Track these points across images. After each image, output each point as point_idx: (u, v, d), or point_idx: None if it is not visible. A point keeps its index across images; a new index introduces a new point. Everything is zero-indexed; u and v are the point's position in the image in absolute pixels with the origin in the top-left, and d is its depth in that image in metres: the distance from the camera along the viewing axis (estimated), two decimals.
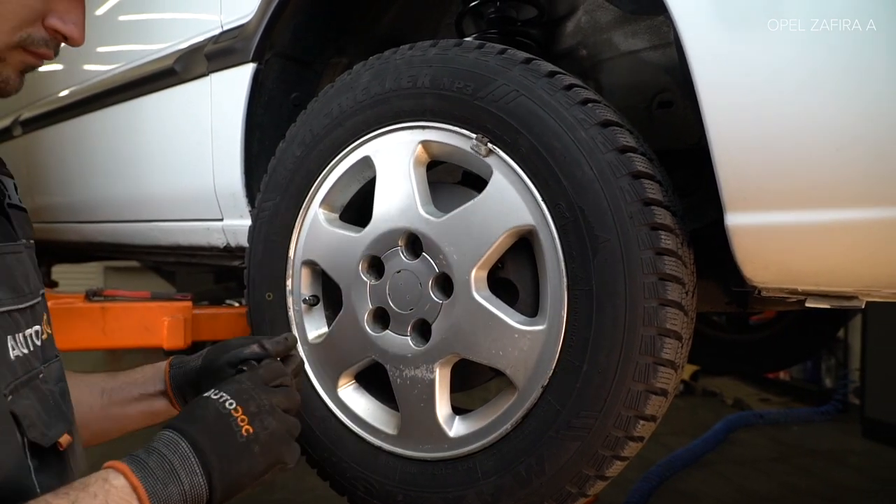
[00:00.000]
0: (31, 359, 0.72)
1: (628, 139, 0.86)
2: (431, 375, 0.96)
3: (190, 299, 1.56)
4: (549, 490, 0.87)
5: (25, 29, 0.71)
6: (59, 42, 0.76)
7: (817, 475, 3.20)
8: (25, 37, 0.72)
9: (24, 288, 0.75)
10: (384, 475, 1.02)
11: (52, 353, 0.79)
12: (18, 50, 0.72)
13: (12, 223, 0.79)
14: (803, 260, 0.75)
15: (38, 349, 0.74)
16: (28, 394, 0.70)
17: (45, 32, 0.73)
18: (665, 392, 0.85)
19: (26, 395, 0.69)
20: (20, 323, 0.72)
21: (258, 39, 1.31)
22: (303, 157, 1.11)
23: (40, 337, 0.76)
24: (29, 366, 0.72)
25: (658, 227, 0.82)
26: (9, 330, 0.69)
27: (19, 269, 0.75)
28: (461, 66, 0.94)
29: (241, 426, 0.69)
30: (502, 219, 0.90)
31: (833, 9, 0.68)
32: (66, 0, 0.74)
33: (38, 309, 0.77)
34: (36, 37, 0.72)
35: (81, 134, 2.01)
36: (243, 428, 0.69)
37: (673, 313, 0.82)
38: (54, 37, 0.74)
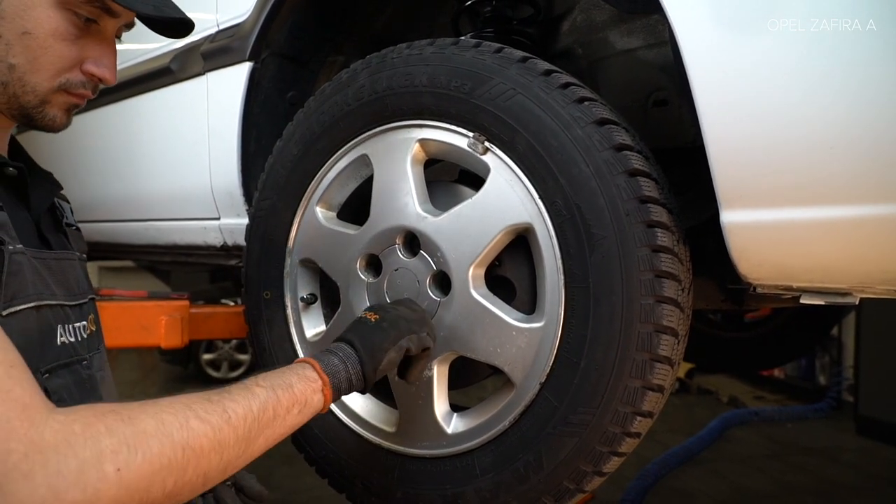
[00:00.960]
0: (78, 347, 0.84)
1: (624, 137, 0.86)
2: (429, 373, 0.97)
3: (187, 298, 1.56)
4: (547, 486, 0.88)
5: (64, 75, 0.81)
6: (95, 84, 0.85)
7: (811, 472, 3.22)
8: (65, 81, 0.81)
9: (76, 288, 0.87)
10: (383, 472, 1.02)
11: (95, 345, 0.91)
12: (61, 93, 0.82)
13: (69, 239, 0.93)
14: (798, 256, 0.76)
15: (84, 341, 0.86)
16: (65, 375, 0.80)
17: (83, 76, 0.82)
18: (662, 388, 0.85)
19: (63, 375, 0.80)
20: (70, 316, 0.83)
21: (254, 38, 1.32)
22: (300, 156, 1.11)
23: (87, 331, 0.87)
24: (74, 353, 0.83)
25: (654, 225, 0.83)
26: (59, 320, 0.80)
27: (72, 274, 0.88)
28: (458, 65, 0.94)
29: (370, 318, 0.89)
30: (499, 217, 0.91)
31: (831, 9, 0.69)
32: (98, 47, 0.83)
33: (85, 308, 0.89)
34: (74, 80, 0.82)
35: (77, 133, 2.00)
36: (371, 318, 0.89)
37: (669, 310, 0.83)
38: (91, 79, 0.83)
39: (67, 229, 0.94)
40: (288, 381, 0.76)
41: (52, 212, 0.92)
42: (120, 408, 0.60)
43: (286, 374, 0.77)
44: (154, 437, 0.59)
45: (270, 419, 0.71)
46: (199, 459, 0.62)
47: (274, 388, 0.73)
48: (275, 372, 0.77)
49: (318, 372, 0.79)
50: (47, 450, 0.53)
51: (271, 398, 0.72)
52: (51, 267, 0.82)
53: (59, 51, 0.79)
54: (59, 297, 0.81)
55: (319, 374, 0.79)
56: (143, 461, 0.57)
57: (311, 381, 0.78)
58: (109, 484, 0.55)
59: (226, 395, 0.68)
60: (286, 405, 0.73)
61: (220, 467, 0.65)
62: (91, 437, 0.56)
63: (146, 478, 0.57)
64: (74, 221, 0.99)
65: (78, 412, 0.57)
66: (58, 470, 0.53)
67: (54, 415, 0.56)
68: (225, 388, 0.70)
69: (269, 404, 0.71)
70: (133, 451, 0.57)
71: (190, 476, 0.61)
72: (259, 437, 0.70)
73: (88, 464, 0.54)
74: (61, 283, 0.83)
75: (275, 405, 0.72)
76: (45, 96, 0.81)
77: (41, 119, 0.82)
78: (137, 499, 0.57)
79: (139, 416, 0.59)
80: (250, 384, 0.72)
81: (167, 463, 0.59)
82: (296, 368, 0.79)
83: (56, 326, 0.79)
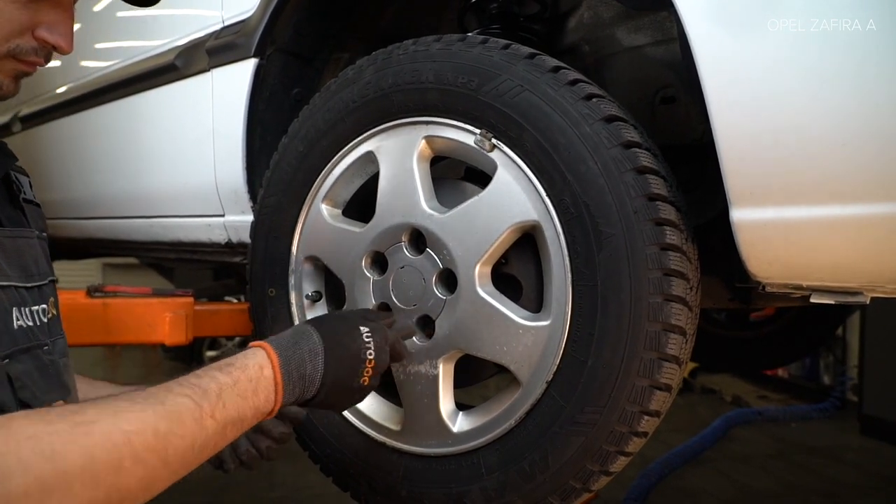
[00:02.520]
0: (37, 332, 0.78)
1: (633, 134, 0.86)
2: (435, 371, 0.96)
3: (191, 295, 1.56)
4: (553, 485, 0.87)
5: (13, 40, 0.75)
6: (48, 51, 0.79)
7: (815, 472, 3.21)
8: (14, 47, 0.75)
9: (33, 269, 0.81)
10: (387, 471, 1.02)
11: (57, 331, 0.84)
12: (9, 59, 0.76)
13: (26, 216, 0.85)
14: (808, 255, 0.75)
15: (44, 325, 0.80)
16: (26, 360, 0.75)
17: (35, 42, 0.77)
18: (669, 387, 0.85)
19: (24, 360, 0.74)
20: (27, 299, 0.77)
21: (260, 35, 1.31)
22: (305, 153, 1.11)
23: (47, 315, 0.81)
24: (33, 337, 0.78)
25: (662, 223, 0.82)
26: (14, 302, 0.75)
27: (29, 253, 0.81)
28: (465, 61, 0.94)
29: (364, 376, 0.81)
30: (506, 214, 0.90)
31: (833, 8, 0.68)
32: (53, 12, 0.77)
33: (45, 290, 0.83)
34: (25, 47, 0.76)
35: (81, 130, 2.01)
36: (364, 378, 0.81)
37: (677, 309, 0.82)
38: (44, 46, 0.78)
39: (25, 205, 0.86)
40: (243, 415, 0.68)
41: (6, 185, 0.85)
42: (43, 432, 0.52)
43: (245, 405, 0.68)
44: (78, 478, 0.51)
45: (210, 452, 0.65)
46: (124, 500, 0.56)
47: (226, 424, 0.66)
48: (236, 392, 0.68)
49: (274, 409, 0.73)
50: None
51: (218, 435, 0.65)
52: (3, 245, 0.76)
53: (8, 14, 0.73)
54: (11, 279, 0.75)
55: (274, 411, 0.73)
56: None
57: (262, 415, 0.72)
58: None
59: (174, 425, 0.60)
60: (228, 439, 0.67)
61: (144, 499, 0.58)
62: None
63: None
64: (34, 196, 0.90)
65: None
66: None
67: None
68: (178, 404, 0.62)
69: (213, 441, 0.64)
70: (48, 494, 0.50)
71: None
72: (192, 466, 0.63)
73: None
74: (15, 263, 0.77)
75: (218, 441, 0.65)
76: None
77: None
78: None
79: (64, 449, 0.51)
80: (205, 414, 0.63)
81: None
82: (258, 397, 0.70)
83: (11, 309, 0.74)
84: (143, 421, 0.58)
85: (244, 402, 0.68)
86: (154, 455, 0.57)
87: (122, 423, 0.56)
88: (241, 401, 0.68)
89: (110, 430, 0.55)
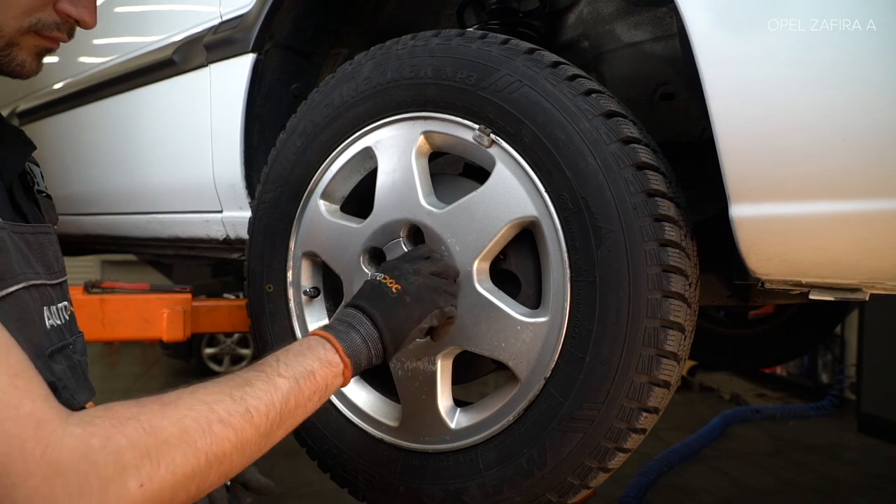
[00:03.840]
0: (63, 330, 0.78)
1: (632, 130, 0.85)
2: (433, 367, 0.96)
3: (189, 291, 1.55)
4: (552, 482, 0.87)
5: (35, 14, 0.72)
6: (71, 26, 0.76)
7: (813, 470, 3.22)
8: (36, 21, 0.72)
9: (55, 266, 0.80)
10: (385, 467, 1.02)
11: (76, 328, 0.85)
12: (31, 34, 0.73)
13: (41, 208, 0.83)
14: (808, 251, 0.75)
15: (67, 323, 0.80)
16: (61, 360, 0.76)
17: (57, 16, 0.74)
18: (668, 384, 0.84)
19: (59, 360, 0.75)
20: (53, 297, 0.77)
21: (258, 30, 1.30)
22: (303, 149, 1.10)
23: (68, 311, 0.82)
24: (62, 336, 0.78)
25: (662, 219, 0.82)
26: (45, 301, 0.74)
27: (51, 249, 0.80)
28: (464, 56, 0.93)
29: (391, 286, 0.85)
30: (505, 210, 0.90)
31: (834, 7, 0.68)
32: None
33: (64, 287, 0.83)
34: (47, 21, 0.73)
35: (79, 125, 2.00)
36: (392, 287, 0.85)
37: (676, 305, 0.82)
38: (66, 20, 0.75)
39: (38, 196, 0.84)
40: (310, 367, 0.73)
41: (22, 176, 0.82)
42: (139, 413, 0.57)
43: (307, 359, 0.74)
44: (177, 447, 0.57)
45: (292, 411, 0.69)
46: (222, 462, 0.61)
47: (297, 378, 0.70)
48: (295, 353, 0.74)
49: (340, 355, 0.77)
50: (67, 471, 0.51)
51: (294, 390, 0.69)
52: (29, 242, 0.74)
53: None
54: (41, 276, 0.74)
55: (342, 358, 0.77)
56: (166, 473, 0.55)
57: (333, 366, 0.75)
58: (133, 499, 0.53)
59: (248, 390, 0.66)
60: (308, 395, 0.71)
61: (242, 464, 0.64)
62: (112, 451, 0.53)
63: (170, 489, 0.56)
64: (45, 188, 0.89)
65: (95, 422, 0.54)
66: (80, 490, 0.51)
67: (70, 428, 0.53)
68: (245, 376, 0.68)
69: (292, 396, 0.69)
70: (156, 463, 0.55)
71: (213, 479, 0.60)
72: (280, 429, 0.68)
73: (111, 481, 0.52)
74: (41, 260, 0.76)
75: (297, 396, 0.70)
76: (13, 38, 0.72)
77: (8, 63, 0.73)
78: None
79: (160, 423, 0.57)
80: (272, 373, 0.69)
81: (190, 472, 0.57)
82: (317, 350, 0.76)
83: (42, 309, 0.74)
84: (219, 391, 0.64)
85: (303, 357, 0.74)
86: (238, 417, 0.62)
87: (202, 396, 0.62)
88: (300, 357, 0.73)
89: (193, 403, 0.61)
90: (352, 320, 0.81)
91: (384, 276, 0.86)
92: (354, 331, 0.80)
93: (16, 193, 0.77)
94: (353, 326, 0.80)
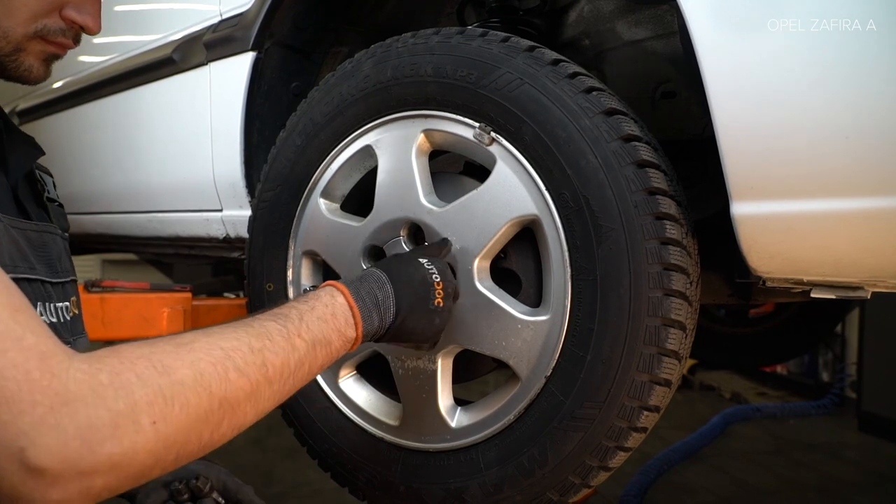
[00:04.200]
0: (60, 329, 0.77)
1: (633, 128, 0.85)
2: (433, 366, 0.96)
3: (189, 290, 1.55)
4: (552, 480, 0.87)
5: (41, 20, 0.74)
6: (77, 32, 0.78)
7: (813, 468, 3.22)
8: (41, 27, 0.74)
9: (57, 266, 0.80)
10: (386, 466, 1.01)
11: (79, 329, 0.84)
12: (37, 40, 0.75)
13: (49, 215, 0.85)
14: (810, 249, 0.75)
15: (67, 323, 0.79)
16: None
17: (62, 22, 0.76)
18: (669, 383, 0.84)
19: None
20: (52, 295, 0.76)
21: (258, 28, 1.30)
22: (303, 147, 1.10)
23: (69, 313, 0.81)
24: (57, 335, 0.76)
25: (663, 217, 0.81)
26: (39, 297, 0.74)
27: (54, 249, 0.81)
28: (464, 54, 0.93)
29: (437, 297, 0.83)
30: (505, 209, 0.90)
31: (834, 7, 0.68)
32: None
33: (68, 288, 0.82)
34: (52, 27, 0.75)
35: (79, 124, 2.00)
36: (437, 299, 0.83)
37: (677, 303, 0.82)
38: (71, 26, 0.77)
39: (49, 204, 0.86)
40: (329, 337, 0.72)
41: (31, 182, 0.84)
42: (150, 352, 0.54)
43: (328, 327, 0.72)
44: (192, 388, 0.55)
45: (305, 374, 0.69)
46: (235, 412, 0.59)
47: (315, 344, 0.69)
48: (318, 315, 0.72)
49: (357, 334, 0.76)
50: (74, 401, 0.48)
51: (309, 355, 0.68)
52: (30, 238, 0.75)
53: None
54: (38, 272, 0.74)
55: (358, 336, 0.76)
56: (180, 413, 0.53)
57: (348, 342, 0.75)
58: (146, 437, 0.51)
59: (267, 342, 0.64)
60: (320, 362, 0.71)
61: (253, 417, 0.63)
62: (121, 386, 0.51)
63: (183, 431, 0.54)
64: (57, 197, 0.90)
65: (102, 359, 0.52)
66: (89, 423, 0.48)
67: (76, 363, 0.51)
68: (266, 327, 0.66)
69: (306, 361, 0.68)
70: (170, 403, 0.53)
71: (225, 429, 0.59)
72: (291, 388, 0.67)
73: (122, 416, 0.50)
74: (42, 257, 0.76)
75: (311, 362, 0.69)
76: (20, 43, 0.74)
77: (16, 69, 0.75)
78: (175, 451, 0.54)
79: (174, 364, 0.55)
80: (293, 332, 0.68)
81: (204, 416, 0.56)
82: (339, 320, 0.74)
83: (36, 304, 0.73)
84: (238, 339, 0.61)
85: (325, 324, 0.71)
86: (254, 368, 0.61)
87: (219, 342, 0.60)
88: (323, 323, 0.71)
89: (210, 347, 0.59)
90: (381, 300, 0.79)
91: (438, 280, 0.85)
92: (377, 312, 0.78)
93: (20, 192, 0.79)
94: (378, 308, 0.78)
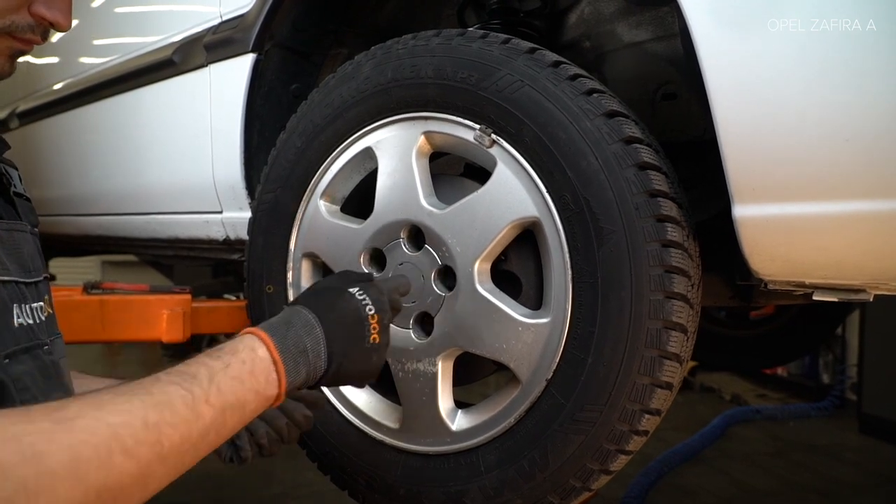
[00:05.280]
0: (36, 330, 0.75)
1: (634, 130, 0.85)
2: (434, 369, 0.96)
3: (189, 292, 1.55)
4: (553, 484, 0.87)
5: (9, 16, 0.72)
6: (45, 28, 0.76)
7: (814, 470, 3.21)
8: (9, 24, 0.72)
9: (30, 265, 0.78)
10: (386, 469, 1.01)
11: (54, 330, 0.82)
12: (5, 37, 0.73)
13: (17, 210, 0.82)
14: (811, 252, 0.74)
15: (42, 323, 0.77)
16: (27, 360, 0.72)
17: (31, 18, 0.73)
18: (670, 386, 0.84)
19: (24, 361, 0.71)
20: (27, 295, 0.74)
21: (258, 30, 1.30)
22: (304, 149, 1.10)
23: (44, 312, 0.79)
24: (33, 336, 0.74)
25: (664, 219, 0.81)
26: (15, 299, 0.72)
27: (25, 248, 0.78)
28: (465, 56, 0.93)
29: (371, 333, 0.76)
30: (506, 211, 0.89)
31: (835, 7, 0.68)
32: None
33: (41, 288, 0.80)
34: (20, 23, 0.73)
35: (79, 126, 2.00)
36: (372, 335, 0.76)
37: (679, 306, 0.82)
38: (40, 23, 0.74)
39: (16, 199, 0.83)
40: (243, 399, 0.63)
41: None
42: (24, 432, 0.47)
43: (245, 387, 0.64)
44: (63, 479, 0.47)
45: (210, 443, 0.60)
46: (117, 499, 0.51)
47: (225, 409, 0.61)
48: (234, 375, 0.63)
49: (280, 391, 0.68)
50: None
51: (217, 423, 0.60)
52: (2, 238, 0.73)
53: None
54: (12, 273, 0.71)
55: (281, 393, 0.68)
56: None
57: (268, 400, 0.67)
58: None
59: (166, 414, 0.56)
60: (231, 427, 0.63)
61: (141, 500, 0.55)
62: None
63: None
64: (24, 191, 0.87)
65: None
66: None
67: None
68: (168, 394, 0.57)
69: (213, 429, 0.60)
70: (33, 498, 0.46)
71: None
72: (191, 460, 0.59)
73: None
74: (14, 257, 0.74)
75: (218, 429, 0.61)
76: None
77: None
78: None
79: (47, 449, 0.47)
80: (199, 397, 0.59)
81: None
82: (259, 379, 0.65)
83: (11, 306, 0.70)
84: (130, 412, 0.53)
85: (241, 385, 0.63)
86: (146, 448, 0.53)
87: (108, 416, 0.52)
88: (238, 384, 0.63)
89: (95, 425, 0.51)
90: (310, 347, 0.72)
91: (372, 313, 0.77)
92: (304, 363, 0.71)
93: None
94: (305, 355, 0.71)
